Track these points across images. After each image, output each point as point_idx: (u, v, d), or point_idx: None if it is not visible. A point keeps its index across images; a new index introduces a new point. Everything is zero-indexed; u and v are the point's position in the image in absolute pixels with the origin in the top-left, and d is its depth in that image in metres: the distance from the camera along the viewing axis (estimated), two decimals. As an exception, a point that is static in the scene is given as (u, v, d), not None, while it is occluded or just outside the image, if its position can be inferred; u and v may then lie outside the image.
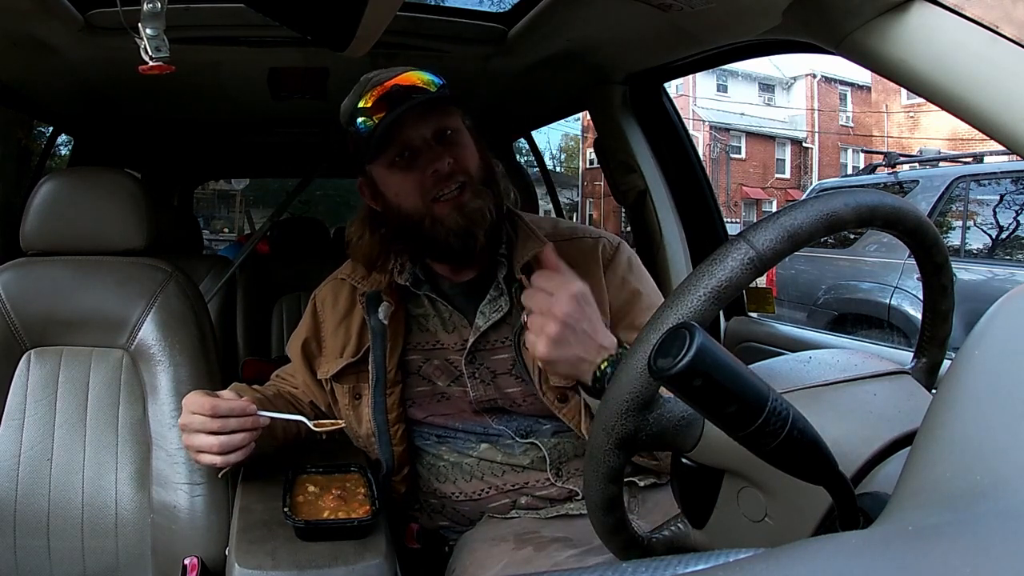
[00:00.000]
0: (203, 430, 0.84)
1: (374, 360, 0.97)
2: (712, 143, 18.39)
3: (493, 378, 0.97)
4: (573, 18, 1.25)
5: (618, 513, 0.56)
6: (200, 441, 0.84)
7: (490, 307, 0.96)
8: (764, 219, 0.51)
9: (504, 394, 0.97)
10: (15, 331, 1.05)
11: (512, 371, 0.96)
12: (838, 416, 0.50)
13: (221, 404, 0.84)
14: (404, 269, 0.99)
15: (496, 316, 0.96)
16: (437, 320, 0.99)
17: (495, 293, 0.97)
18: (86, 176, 1.14)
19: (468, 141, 0.95)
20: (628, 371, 0.50)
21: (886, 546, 0.26)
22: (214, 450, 0.84)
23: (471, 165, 0.93)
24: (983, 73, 0.58)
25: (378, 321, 0.96)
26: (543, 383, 0.93)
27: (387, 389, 0.97)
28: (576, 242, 1.00)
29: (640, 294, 0.98)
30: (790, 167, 19.83)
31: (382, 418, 0.97)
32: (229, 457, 0.85)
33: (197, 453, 0.86)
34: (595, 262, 0.98)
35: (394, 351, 0.97)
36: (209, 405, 0.83)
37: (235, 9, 1.28)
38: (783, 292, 4.45)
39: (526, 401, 0.96)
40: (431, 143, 0.92)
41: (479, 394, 0.97)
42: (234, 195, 10.12)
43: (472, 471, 0.98)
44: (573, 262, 0.95)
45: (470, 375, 0.97)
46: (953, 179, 3.83)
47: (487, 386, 0.97)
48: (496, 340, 0.97)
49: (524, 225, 0.98)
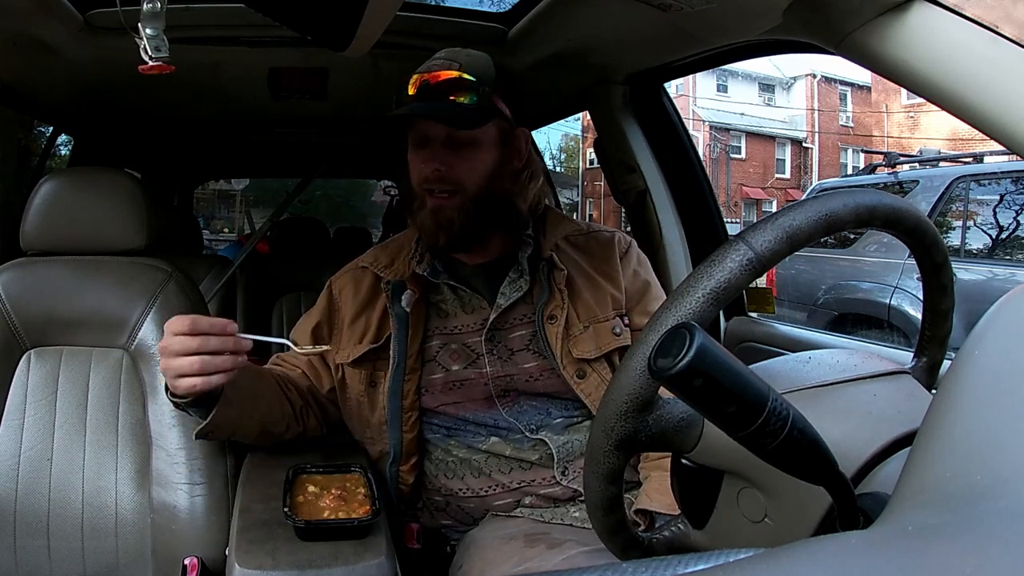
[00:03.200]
0: (183, 351, 0.79)
1: (396, 346, 0.98)
2: (712, 143, 18.39)
3: (511, 355, 0.99)
4: (573, 18, 1.25)
5: (618, 514, 0.56)
6: (179, 363, 0.79)
7: (511, 287, 1.00)
8: (763, 220, 0.51)
9: (521, 369, 0.99)
10: (15, 331, 1.05)
11: (530, 346, 0.99)
12: (838, 416, 0.50)
13: (201, 320, 0.81)
14: (423, 259, 1.02)
15: (516, 295, 0.99)
16: (456, 303, 1.02)
17: (515, 275, 1.00)
18: (86, 176, 1.14)
19: (479, 153, 0.97)
20: (628, 371, 0.50)
21: (886, 546, 0.26)
22: (195, 369, 0.79)
23: (468, 177, 0.96)
24: (983, 73, 0.58)
25: (401, 309, 0.99)
26: (563, 357, 0.97)
27: (405, 375, 0.98)
28: (595, 235, 1.08)
29: (650, 284, 1.06)
30: (790, 167, 19.83)
31: (396, 403, 0.98)
32: (211, 379, 0.80)
33: (177, 378, 0.80)
34: (612, 251, 1.05)
35: (415, 338, 0.99)
36: (189, 322, 0.80)
37: (235, 9, 1.28)
38: (783, 292, 4.45)
39: (543, 376, 0.99)
40: (434, 143, 0.96)
41: (495, 370, 0.99)
42: (234, 195, 10.11)
43: (480, 467, 0.99)
44: (591, 251, 1.06)
45: (488, 352, 0.99)
46: (953, 179, 3.82)
47: (504, 362, 0.99)
48: (515, 318, 1.00)
49: (552, 210, 1.08)
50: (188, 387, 0.80)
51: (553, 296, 0.99)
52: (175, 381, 0.81)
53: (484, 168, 0.97)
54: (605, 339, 0.98)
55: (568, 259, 1.02)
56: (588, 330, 0.98)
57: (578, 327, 0.98)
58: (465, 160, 0.96)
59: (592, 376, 0.97)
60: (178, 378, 0.80)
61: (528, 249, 1.01)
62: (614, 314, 1.01)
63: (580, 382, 0.97)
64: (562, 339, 0.97)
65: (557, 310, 0.98)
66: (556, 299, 0.99)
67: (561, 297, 0.98)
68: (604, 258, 1.05)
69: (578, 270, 1.02)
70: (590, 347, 0.97)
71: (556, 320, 0.98)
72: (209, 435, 0.91)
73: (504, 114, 0.99)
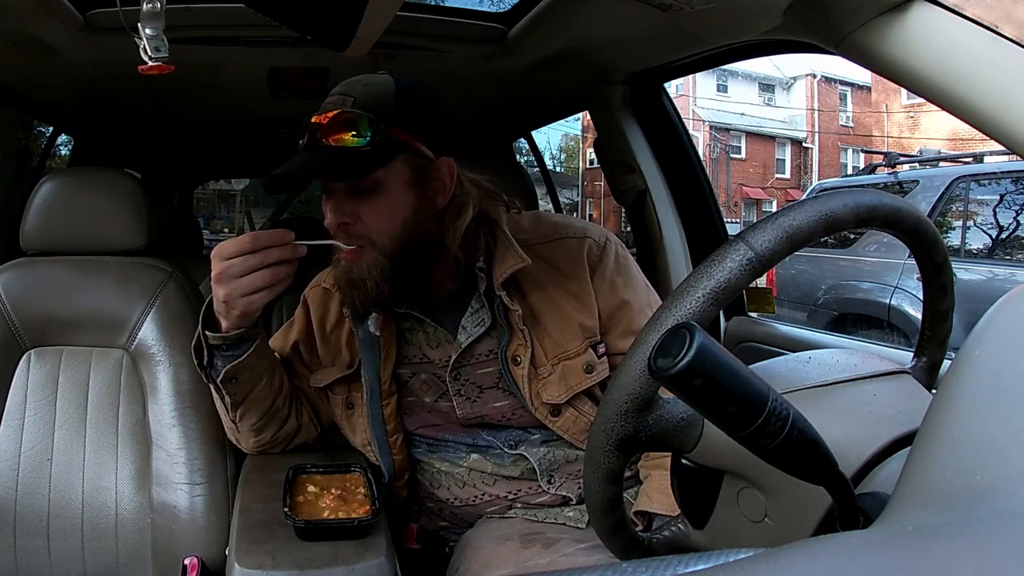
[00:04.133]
0: (247, 269, 0.77)
1: (367, 372, 0.94)
2: (712, 143, 18.39)
3: (479, 393, 0.94)
4: (573, 18, 1.25)
5: (618, 514, 0.56)
6: (246, 282, 0.78)
7: (471, 321, 0.92)
8: (763, 220, 0.51)
9: (492, 409, 0.94)
10: (15, 331, 1.05)
11: (499, 385, 0.93)
12: (838, 416, 0.50)
13: (262, 235, 0.79)
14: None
15: (479, 330, 0.92)
16: (422, 335, 0.96)
17: (476, 306, 0.93)
18: (86, 176, 1.14)
19: (388, 200, 0.85)
20: (628, 371, 0.50)
21: (886, 546, 0.26)
22: (263, 282, 0.78)
23: (374, 230, 0.85)
24: (983, 73, 0.58)
25: (368, 333, 0.93)
26: (533, 398, 0.91)
27: (383, 400, 0.95)
28: (560, 243, 0.95)
29: (629, 303, 0.94)
30: (790, 167, 19.82)
31: (380, 430, 0.95)
32: (275, 288, 0.79)
33: (245, 297, 0.78)
34: (581, 265, 0.93)
35: (387, 362, 0.94)
36: (248, 239, 0.78)
37: (235, 9, 1.28)
38: (783, 292, 4.45)
39: (515, 414, 0.95)
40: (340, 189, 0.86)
41: (466, 412, 0.95)
42: (234, 195, 10.11)
43: (464, 479, 0.98)
44: (557, 265, 0.93)
45: (455, 392, 0.94)
46: (953, 179, 3.83)
47: (473, 403, 0.94)
48: (480, 354, 0.94)
49: (503, 236, 0.92)
50: (259, 303, 0.80)
51: (514, 335, 0.90)
52: (245, 300, 0.79)
53: (396, 216, 0.85)
54: (574, 379, 0.90)
55: (529, 282, 0.92)
56: (556, 369, 0.90)
57: (546, 367, 0.91)
58: (372, 210, 0.84)
59: (568, 412, 0.92)
60: (243, 297, 0.79)
61: (483, 283, 0.91)
62: (585, 345, 0.91)
63: (555, 419, 0.92)
64: (529, 380, 0.90)
65: (520, 350, 0.90)
66: (517, 338, 0.90)
67: (523, 336, 0.90)
68: (572, 274, 0.93)
69: (541, 297, 0.92)
70: (558, 391, 0.90)
71: (521, 361, 0.90)
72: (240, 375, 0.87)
73: (413, 148, 0.85)
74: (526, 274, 0.91)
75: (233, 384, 0.89)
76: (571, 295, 0.93)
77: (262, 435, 0.97)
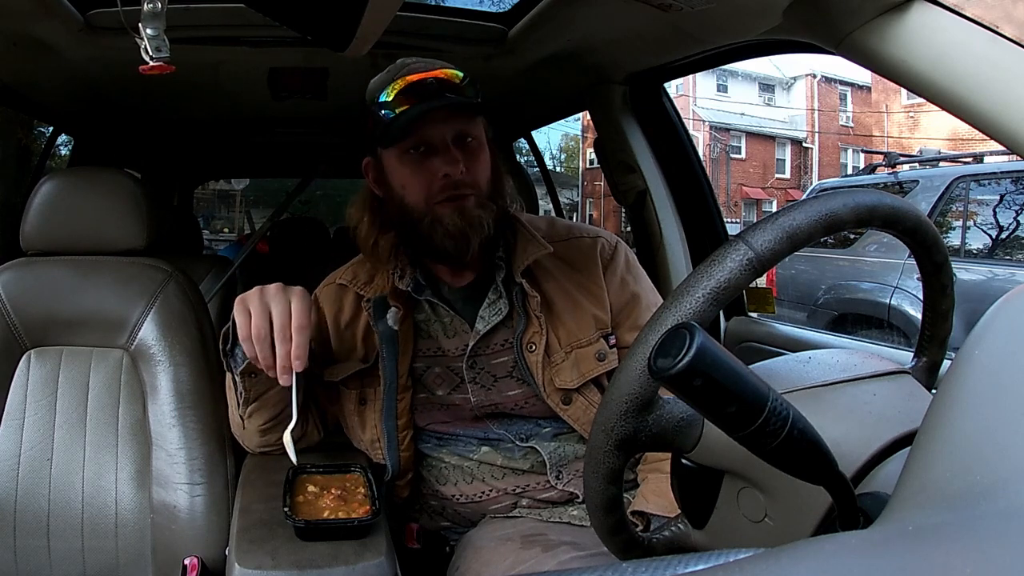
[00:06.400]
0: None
1: (385, 366, 0.95)
2: (712, 143, 18.39)
3: (494, 382, 0.97)
4: (573, 18, 1.25)
5: (618, 514, 0.56)
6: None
7: (489, 310, 0.96)
8: (763, 220, 0.51)
9: (506, 397, 0.96)
10: (15, 331, 1.05)
11: (513, 373, 0.96)
12: (838, 416, 0.50)
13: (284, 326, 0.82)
14: (405, 274, 0.97)
15: (496, 319, 0.95)
16: (438, 325, 0.98)
17: (494, 296, 0.96)
18: (86, 176, 1.14)
19: (485, 153, 0.94)
20: (628, 372, 0.50)
21: (886, 546, 0.26)
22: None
23: (482, 178, 0.92)
24: (983, 73, 0.58)
25: (387, 327, 0.94)
26: (546, 385, 0.94)
27: (398, 395, 0.96)
28: (574, 242, 1.00)
29: (639, 296, 0.99)
30: (790, 167, 19.83)
31: (392, 424, 0.96)
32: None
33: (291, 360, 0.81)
34: (594, 262, 0.98)
35: (405, 356, 0.96)
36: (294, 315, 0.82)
37: (235, 9, 1.28)
38: (783, 292, 4.46)
39: (528, 403, 0.97)
40: (449, 145, 0.90)
41: (480, 399, 0.96)
42: (234, 195, 10.11)
43: (473, 473, 0.98)
44: (572, 262, 0.98)
45: (471, 380, 0.96)
46: (953, 179, 3.83)
47: (488, 391, 0.96)
48: (496, 343, 0.97)
49: (523, 228, 0.97)
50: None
51: (530, 322, 0.94)
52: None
53: (488, 169, 0.93)
54: (587, 366, 0.94)
55: (546, 275, 0.97)
56: (570, 357, 0.94)
57: (559, 354, 0.94)
58: (478, 158, 0.92)
59: (579, 401, 0.94)
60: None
61: (501, 272, 0.96)
62: (598, 335, 0.95)
63: (566, 408, 0.94)
64: (543, 367, 0.93)
65: (535, 337, 0.94)
66: (533, 325, 0.94)
67: (539, 323, 0.94)
68: (585, 270, 0.98)
69: (557, 288, 0.96)
70: (571, 376, 0.94)
71: (535, 348, 0.94)
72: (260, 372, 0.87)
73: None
74: (543, 267, 0.96)
75: (251, 379, 0.89)
76: (585, 289, 0.97)
77: (267, 436, 0.97)
